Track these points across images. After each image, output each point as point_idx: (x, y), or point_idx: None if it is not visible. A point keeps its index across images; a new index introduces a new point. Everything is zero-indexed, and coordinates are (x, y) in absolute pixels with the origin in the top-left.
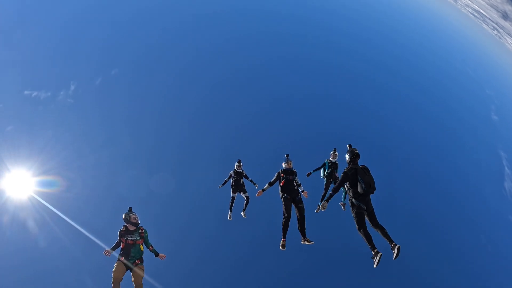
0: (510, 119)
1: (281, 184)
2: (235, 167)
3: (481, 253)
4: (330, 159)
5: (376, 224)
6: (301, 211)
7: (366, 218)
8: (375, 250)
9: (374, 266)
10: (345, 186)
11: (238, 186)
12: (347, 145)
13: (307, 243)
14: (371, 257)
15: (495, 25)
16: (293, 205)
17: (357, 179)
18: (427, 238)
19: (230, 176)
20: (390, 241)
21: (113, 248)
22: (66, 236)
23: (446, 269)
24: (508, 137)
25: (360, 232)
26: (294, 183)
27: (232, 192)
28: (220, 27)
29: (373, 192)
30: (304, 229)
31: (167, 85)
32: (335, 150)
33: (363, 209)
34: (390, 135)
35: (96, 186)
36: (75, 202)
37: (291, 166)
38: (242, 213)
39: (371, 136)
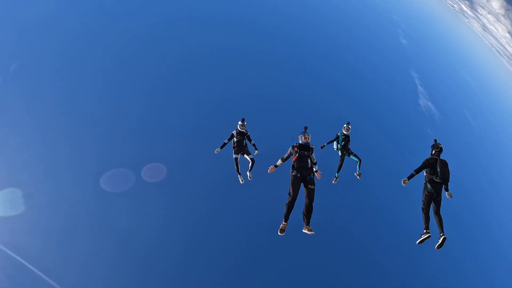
0: (418, 41)
1: (293, 159)
2: (238, 126)
3: (404, 168)
4: (344, 132)
5: (437, 212)
6: (310, 193)
7: (432, 204)
8: (428, 230)
9: (417, 242)
10: (425, 171)
11: (240, 148)
12: (433, 140)
13: (307, 232)
14: (421, 234)
15: None
16: (302, 185)
17: (435, 168)
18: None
19: (232, 136)
20: (441, 230)
21: None
22: None
23: (371, 191)
24: (417, 58)
25: (423, 210)
26: (309, 160)
27: (235, 154)
28: None
29: (446, 183)
30: (310, 215)
31: (85, 68)
32: (348, 123)
33: (433, 194)
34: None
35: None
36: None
37: (309, 141)
38: (248, 174)
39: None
